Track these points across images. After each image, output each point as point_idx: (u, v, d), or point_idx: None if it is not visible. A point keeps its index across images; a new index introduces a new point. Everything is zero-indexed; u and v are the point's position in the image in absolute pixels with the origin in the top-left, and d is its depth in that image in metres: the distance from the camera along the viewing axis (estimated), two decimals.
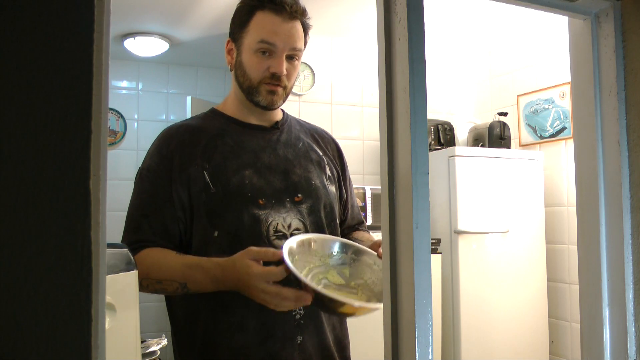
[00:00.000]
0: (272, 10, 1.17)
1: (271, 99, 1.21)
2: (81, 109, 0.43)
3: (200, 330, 1.15)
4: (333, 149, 1.38)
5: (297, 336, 1.14)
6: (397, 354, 0.66)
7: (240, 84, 1.23)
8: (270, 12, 1.17)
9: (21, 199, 0.41)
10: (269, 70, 1.18)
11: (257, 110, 1.25)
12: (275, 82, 1.19)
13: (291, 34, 1.18)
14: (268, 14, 1.18)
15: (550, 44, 3.18)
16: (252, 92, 1.21)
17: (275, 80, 1.19)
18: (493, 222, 2.83)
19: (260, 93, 1.20)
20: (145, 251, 1.13)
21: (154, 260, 1.12)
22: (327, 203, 1.26)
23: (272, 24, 1.17)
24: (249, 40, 1.19)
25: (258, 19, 1.18)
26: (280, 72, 1.18)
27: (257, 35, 1.17)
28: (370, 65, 3.48)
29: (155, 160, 1.19)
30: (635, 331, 0.78)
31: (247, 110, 1.25)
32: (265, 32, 1.17)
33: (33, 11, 0.42)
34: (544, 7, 0.81)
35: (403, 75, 0.66)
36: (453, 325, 2.74)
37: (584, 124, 0.85)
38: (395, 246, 0.67)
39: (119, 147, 3.85)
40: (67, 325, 0.42)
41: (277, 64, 1.18)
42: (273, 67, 1.18)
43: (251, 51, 1.18)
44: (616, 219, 0.80)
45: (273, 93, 1.20)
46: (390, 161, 0.68)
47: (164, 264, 1.12)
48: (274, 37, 1.17)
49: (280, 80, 1.19)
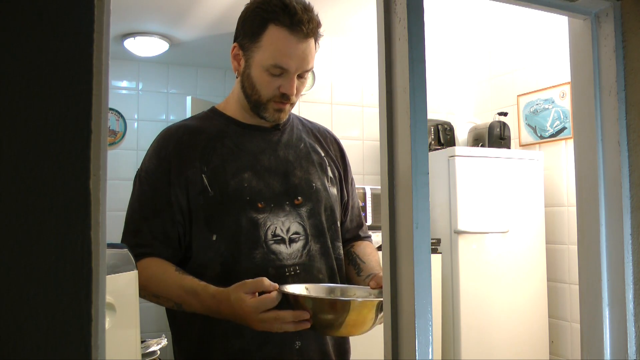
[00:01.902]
0: (287, 28, 1.11)
1: (278, 116, 1.20)
2: (81, 109, 0.43)
3: (198, 334, 1.14)
4: (335, 149, 1.35)
5: (295, 341, 1.13)
6: (397, 354, 0.66)
7: (248, 95, 1.19)
8: (284, 30, 1.11)
9: (21, 199, 0.41)
10: (280, 90, 1.15)
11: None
12: (284, 101, 1.17)
13: (305, 55, 1.14)
14: (282, 31, 1.11)
15: (550, 44, 3.18)
16: (259, 107, 1.19)
17: (285, 99, 1.17)
18: (493, 222, 2.83)
19: (268, 110, 1.18)
20: (146, 261, 1.12)
21: (153, 273, 1.11)
22: (327, 206, 1.24)
23: (287, 45, 1.12)
24: (261, 57, 1.14)
25: (272, 36, 1.12)
26: (291, 93, 1.15)
27: (270, 57, 1.12)
28: (370, 65, 3.48)
29: (153, 162, 1.18)
30: (635, 331, 0.78)
31: (247, 112, 1.23)
32: (279, 56, 1.12)
33: (33, 11, 0.42)
34: (544, 7, 0.81)
35: (403, 75, 0.66)
36: (453, 325, 2.74)
37: (584, 124, 0.85)
38: (395, 246, 0.67)
39: (119, 147, 3.85)
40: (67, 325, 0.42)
41: (289, 85, 1.15)
42: (284, 87, 1.15)
43: (262, 68, 1.14)
44: (616, 219, 0.80)
45: (280, 111, 1.19)
46: (390, 161, 0.68)
47: (162, 280, 1.11)
48: (287, 60, 1.12)
49: (289, 99, 1.17)
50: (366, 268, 1.27)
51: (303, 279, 1.16)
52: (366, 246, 1.36)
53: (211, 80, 4.14)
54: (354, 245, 1.36)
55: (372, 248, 1.37)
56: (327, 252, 1.22)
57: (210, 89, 4.13)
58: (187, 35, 3.44)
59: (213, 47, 3.61)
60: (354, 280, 1.29)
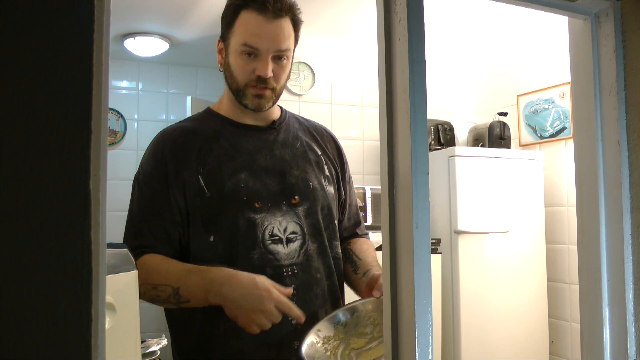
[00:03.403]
0: (256, 10, 1.13)
1: (258, 102, 1.18)
2: (81, 109, 0.43)
3: (197, 335, 1.14)
4: (332, 147, 1.35)
5: (294, 341, 1.13)
6: (397, 354, 0.66)
7: (229, 85, 1.21)
8: (254, 12, 1.13)
9: (21, 199, 0.41)
10: (254, 73, 1.15)
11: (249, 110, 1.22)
12: (261, 85, 1.16)
13: (275, 34, 1.14)
14: (252, 13, 1.13)
15: (550, 44, 3.18)
16: (239, 94, 1.19)
17: (262, 83, 1.16)
18: (493, 222, 2.83)
19: (247, 96, 1.18)
20: (146, 256, 1.12)
21: (153, 264, 1.11)
22: (325, 205, 1.24)
23: (256, 25, 1.13)
24: (234, 41, 1.16)
25: (242, 20, 1.14)
26: (265, 74, 1.14)
27: (240, 38, 1.14)
28: (370, 65, 3.48)
29: (150, 164, 1.18)
30: (635, 331, 0.78)
31: (241, 110, 1.23)
32: (247, 35, 1.13)
33: (33, 11, 0.42)
34: (544, 7, 0.81)
35: (403, 75, 0.66)
36: (453, 325, 2.74)
37: (584, 124, 0.85)
38: (395, 246, 0.67)
39: (119, 147, 3.85)
40: (67, 325, 0.42)
41: (262, 66, 1.14)
42: (258, 69, 1.14)
43: (236, 53, 1.15)
44: (616, 219, 0.80)
45: (260, 97, 1.18)
46: (390, 161, 0.68)
47: (163, 269, 1.11)
48: (257, 39, 1.13)
49: (266, 83, 1.16)
50: (362, 265, 1.27)
51: (300, 279, 1.16)
52: (362, 242, 1.36)
53: (211, 80, 4.14)
54: (350, 243, 1.35)
55: (369, 244, 1.37)
56: (325, 251, 1.22)
57: (210, 89, 4.13)
58: (187, 35, 3.44)
59: (213, 47, 3.57)
60: (351, 278, 1.29)
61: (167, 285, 1.10)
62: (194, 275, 1.09)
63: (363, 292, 1.21)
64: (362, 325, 1.12)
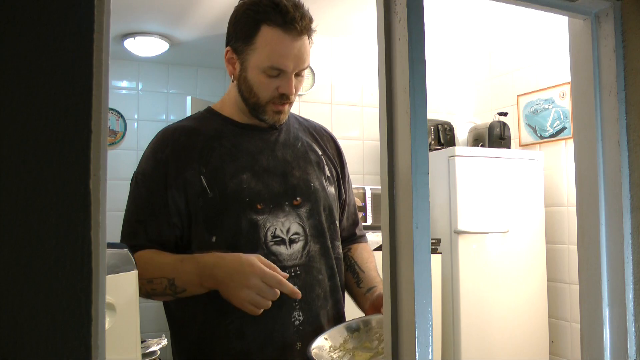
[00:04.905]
0: (280, 27, 1.10)
1: (278, 117, 1.19)
2: (81, 109, 0.43)
3: (198, 335, 1.14)
4: (332, 147, 1.35)
5: (296, 342, 1.13)
6: (397, 354, 0.66)
7: (246, 99, 1.18)
8: (278, 29, 1.10)
9: (21, 199, 0.41)
10: (278, 90, 1.14)
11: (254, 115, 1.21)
12: (283, 101, 1.17)
13: (301, 53, 1.12)
14: (276, 31, 1.10)
15: (550, 44, 3.18)
16: (258, 109, 1.18)
17: (284, 99, 1.16)
18: (493, 222, 2.83)
19: (267, 112, 1.18)
20: (140, 252, 1.12)
21: (147, 259, 1.11)
22: (326, 205, 1.24)
23: (281, 45, 1.10)
24: (257, 59, 1.12)
25: (265, 37, 1.11)
26: (290, 92, 1.15)
27: (266, 58, 1.11)
28: (370, 65, 3.48)
29: (150, 164, 1.17)
30: (635, 331, 0.78)
31: (245, 113, 1.22)
32: (275, 57, 1.11)
33: (33, 11, 0.42)
34: (544, 7, 0.81)
35: (403, 75, 0.66)
36: (453, 325, 2.74)
37: (584, 124, 0.85)
38: (395, 246, 0.67)
39: (119, 147, 3.85)
40: (67, 325, 0.42)
41: (287, 85, 1.14)
42: (282, 88, 1.14)
43: (258, 70, 1.13)
44: (616, 219, 0.80)
45: (280, 112, 1.18)
46: (390, 161, 0.68)
47: (157, 262, 1.11)
48: (284, 60, 1.11)
49: (288, 99, 1.17)
50: (366, 279, 1.28)
51: (303, 280, 1.16)
52: (363, 250, 1.36)
53: (211, 80, 4.14)
54: (351, 249, 1.35)
55: (369, 252, 1.37)
56: (327, 252, 1.22)
57: (210, 89, 4.13)
58: (187, 35, 3.44)
59: (213, 47, 3.61)
60: (353, 290, 1.29)
61: (163, 278, 1.09)
62: (187, 263, 1.09)
63: (367, 310, 1.21)
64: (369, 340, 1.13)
